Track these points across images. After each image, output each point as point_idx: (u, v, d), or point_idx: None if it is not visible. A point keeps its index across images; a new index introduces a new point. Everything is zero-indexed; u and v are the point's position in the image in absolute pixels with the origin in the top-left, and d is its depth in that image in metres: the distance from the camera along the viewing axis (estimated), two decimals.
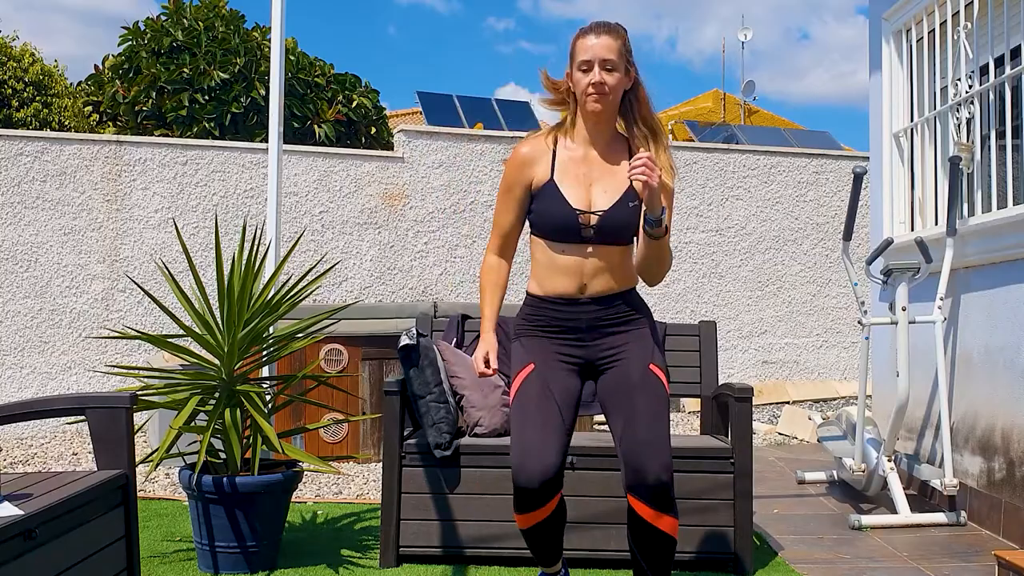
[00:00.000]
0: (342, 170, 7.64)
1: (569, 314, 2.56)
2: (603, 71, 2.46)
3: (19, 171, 6.99)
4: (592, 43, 2.47)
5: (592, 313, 2.56)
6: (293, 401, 4.14)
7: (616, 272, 2.57)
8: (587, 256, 2.53)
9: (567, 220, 2.50)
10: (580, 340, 2.58)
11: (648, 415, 2.46)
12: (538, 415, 2.47)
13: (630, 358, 2.55)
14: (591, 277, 2.54)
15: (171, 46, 8.39)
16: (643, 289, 2.80)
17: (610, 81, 2.46)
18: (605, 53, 2.46)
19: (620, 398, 2.52)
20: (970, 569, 3.42)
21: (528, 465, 2.41)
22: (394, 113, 14.96)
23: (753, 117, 16.75)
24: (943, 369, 4.17)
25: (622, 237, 2.54)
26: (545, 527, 2.54)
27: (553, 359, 2.56)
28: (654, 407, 2.48)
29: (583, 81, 2.48)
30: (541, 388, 2.51)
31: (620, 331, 2.58)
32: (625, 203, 2.51)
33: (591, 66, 2.46)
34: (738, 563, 3.34)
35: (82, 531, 2.45)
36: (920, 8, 4.75)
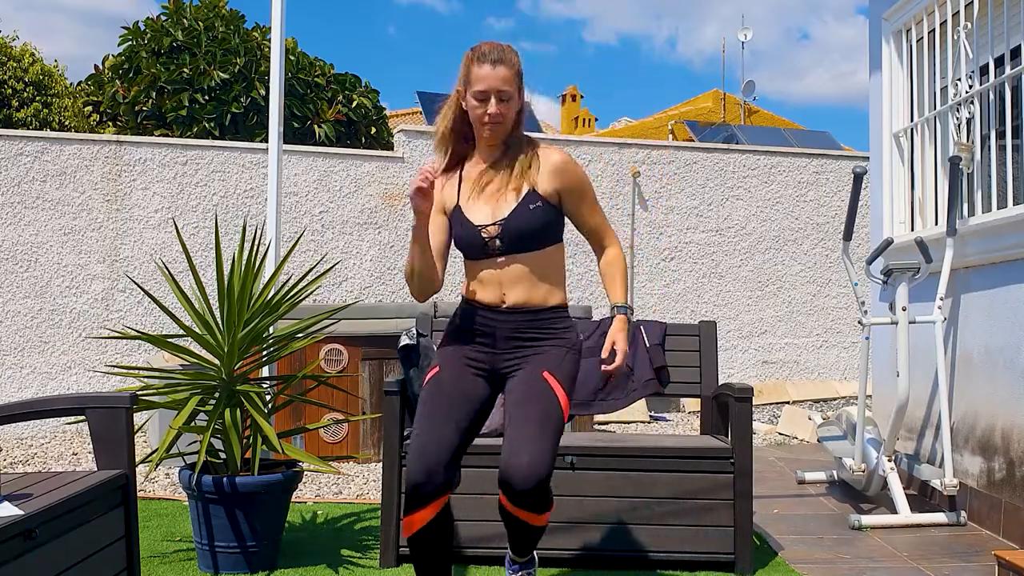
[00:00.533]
0: (342, 170, 7.65)
1: (489, 320, 2.60)
2: (499, 102, 2.51)
3: (19, 171, 6.99)
4: (487, 73, 2.50)
5: (508, 323, 2.58)
6: (293, 401, 4.14)
7: (537, 283, 2.58)
8: (500, 267, 2.58)
9: (472, 238, 2.57)
10: (491, 347, 2.61)
11: (528, 423, 2.44)
12: (433, 414, 2.51)
13: (527, 367, 2.57)
14: (510, 287, 2.58)
15: (171, 46, 8.39)
16: (644, 289, 2.80)
17: (505, 111, 2.53)
18: (501, 84, 2.50)
19: (511, 402, 2.54)
20: (970, 569, 3.42)
21: (418, 463, 2.42)
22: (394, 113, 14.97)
23: (753, 117, 16.75)
24: (943, 369, 4.17)
25: (532, 243, 2.56)
26: (428, 536, 2.47)
27: (461, 363, 2.61)
28: (537, 415, 2.46)
29: (479, 111, 2.53)
30: (441, 390, 2.56)
31: (530, 344, 2.59)
32: (525, 206, 2.54)
33: (487, 96, 2.51)
34: (738, 563, 3.34)
35: (82, 531, 2.45)
36: (920, 8, 4.75)
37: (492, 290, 2.59)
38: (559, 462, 3.38)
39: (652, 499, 3.38)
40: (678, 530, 3.37)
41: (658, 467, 3.40)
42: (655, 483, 3.39)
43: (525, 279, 2.57)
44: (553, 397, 2.51)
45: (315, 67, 8.88)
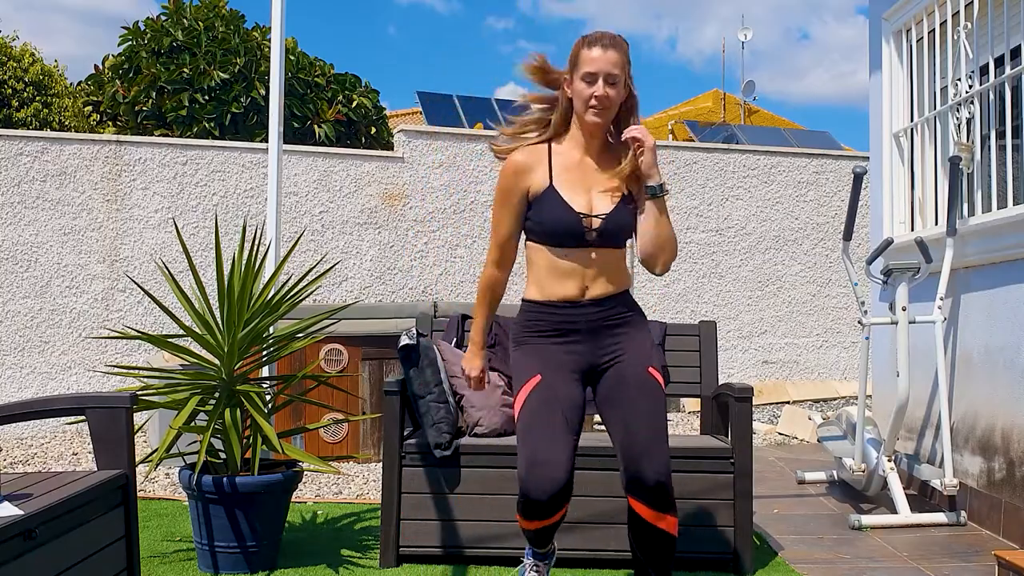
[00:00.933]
0: (342, 170, 7.65)
1: (570, 316, 2.57)
2: (607, 85, 2.49)
3: (19, 171, 6.99)
4: (598, 56, 2.49)
5: (592, 315, 2.58)
6: (293, 401, 4.14)
7: (614, 274, 2.60)
8: (590, 259, 2.55)
9: (571, 224, 2.51)
10: (581, 342, 2.59)
11: (646, 417, 2.48)
12: (547, 427, 2.47)
13: (628, 360, 2.57)
14: (592, 280, 2.56)
15: (171, 46, 8.39)
16: (644, 289, 2.81)
17: (613, 95, 2.50)
18: (610, 67, 2.48)
19: (618, 400, 2.53)
20: (970, 569, 3.42)
21: (537, 479, 2.42)
22: (394, 113, 14.96)
23: (753, 117, 16.76)
24: (943, 369, 4.17)
25: (621, 239, 2.59)
26: (548, 530, 2.59)
27: (557, 367, 2.57)
28: (652, 409, 2.50)
29: (586, 92, 2.50)
30: (548, 399, 2.51)
31: (618, 332, 2.60)
32: (624, 205, 2.55)
33: (596, 79, 2.48)
34: (738, 563, 3.34)
35: (82, 531, 2.45)
36: (920, 8, 4.75)
37: (574, 282, 2.56)
38: None
39: None
40: (677, 528, 3.36)
41: None
42: None
43: (608, 271, 2.58)
44: (661, 392, 2.57)
45: (315, 67, 8.88)
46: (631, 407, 2.50)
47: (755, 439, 5.89)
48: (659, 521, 2.46)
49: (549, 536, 2.66)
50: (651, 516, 2.46)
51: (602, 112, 2.51)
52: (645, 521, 2.47)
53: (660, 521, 2.46)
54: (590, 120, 2.52)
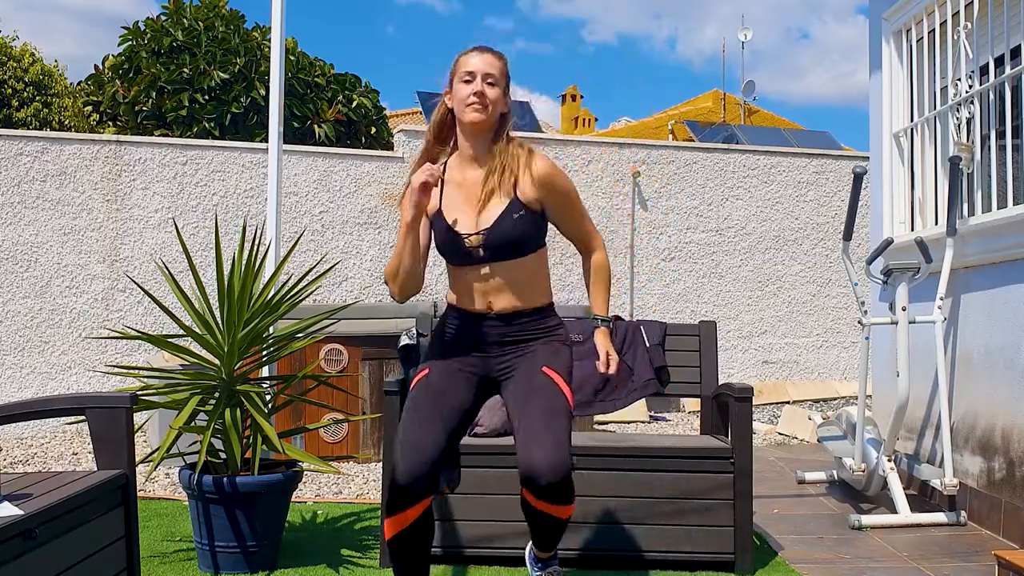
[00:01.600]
0: (342, 170, 7.65)
1: (477, 328, 2.60)
2: (485, 83, 2.52)
3: (19, 171, 6.99)
4: (476, 58, 2.55)
5: (498, 329, 2.59)
6: (293, 401, 4.14)
7: (523, 288, 2.59)
8: (485, 275, 2.57)
9: (454, 245, 2.55)
10: (483, 353, 2.61)
11: (539, 416, 2.45)
12: (421, 415, 2.50)
13: (526, 364, 2.58)
14: (495, 294, 2.58)
15: (171, 46, 8.39)
16: (644, 289, 2.80)
17: (491, 94, 2.52)
18: (488, 68, 2.54)
19: (516, 401, 2.53)
20: (970, 569, 3.42)
21: (403, 460, 2.41)
22: (394, 113, 14.97)
23: (753, 117, 16.76)
24: (943, 369, 4.17)
25: (516, 251, 2.56)
26: (409, 538, 2.48)
27: (451, 365, 2.60)
28: (545, 407, 2.47)
29: (464, 91, 2.52)
30: (429, 391, 2.55)
31: (523, 346, 2.60)
32: (509, 216, 2.53)
33: (474, 77, 2.53)
34: (738, 563, 3.34)
35: (82, 531, 2.45)
36: (920, 8, 4.75)
37: (478, 298, 2.59)
38: None
39: (652, 499, 3.38)
40: (678, 530, 3.37)
41: (658, 467, 3.40)
42: (655, 483, 3.39)
43: (510, 286, 2.57)
44: (557, 389, 2.52)
45: (315, 67, 8.88)
46: (525, 408, 2.49)
47: (755, 439, 5.89)
48: (549, 510, 2.46)
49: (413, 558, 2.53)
50: (542, 507, 2.45)
51: (482, 109, 2.52)
52: (535, 508, 2.46)
53: (550, 510, 2.46)
54: (470, 118, 2.53)
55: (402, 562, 2.53)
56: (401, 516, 2.44)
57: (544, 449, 2.38)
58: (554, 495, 2.41)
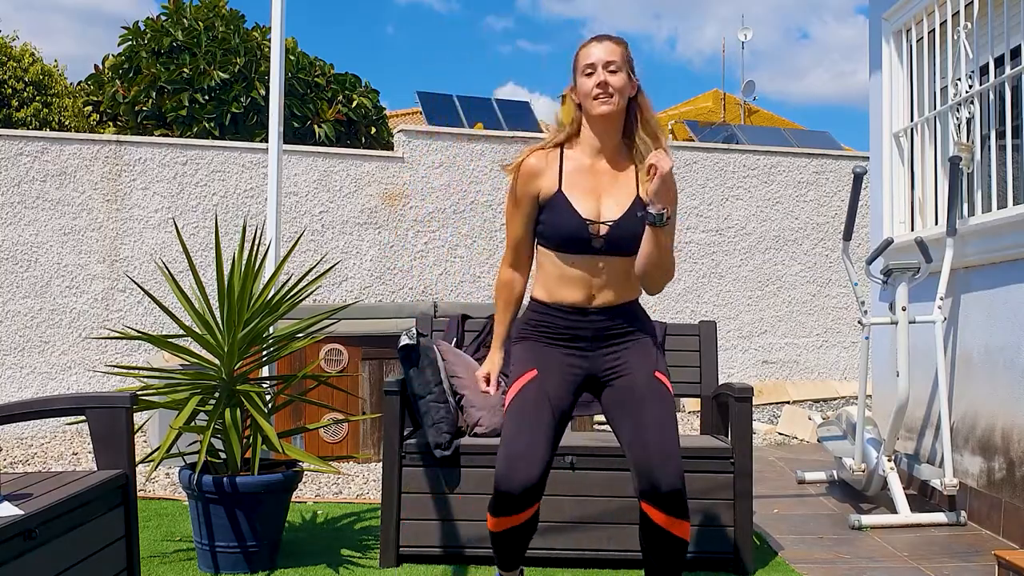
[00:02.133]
0: (342, 170, 7.64)
1: (576, 323, 2.55)
2: (607, 72, 2.47)
3: (19, 171, 6.99)
4: (595, 48, 2.50)
5: (599, 323, 2.55)
6: (293, 401, 4.14)
7: (623, 284, 2.56)
8: (597, 267, 2.52)
9: (577, 231, 2.48)
10: (584, 350, 2.56)
11: (657, 423, 2.45)
12: (532, 423, 2.46)
13: (634, 368, 2.54)
14: (600, 288, 2.53)
15: (171, 46, 8.39)
16: None
17: (614, 81, 2.47)
18: (608, 55, 2.48)
19: (627, 407, 2.50)
20: (970, 569, 3.42)
21: (513, 471, 2.40)
22: (394, 113, 14.96)
23: (753, 117, 16.75)
24: (943, 369, 4.17)
25: (631, 248, 2.51)
26: (516, 533, 2.52)
27: (556, 369, 2.55)
28: (662, 414, 2.47)
29: (588, 84, 2.48)
30: (539, 397, 2.50)
31: (624, 341, 2.57)
32: (634, 213, 2.49)
33: (595, 68, 2.48)
34: (738, 563, 3.34)
35: (82, 531, 2.45)
36: (920, 8, 4.75)
37: (581, 289, 2.53)
38: (559, 462, 3.38)
39: None
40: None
41: None
42: None
43: (616, 280, 2.54)
44: (669, 396, 2.53)
45: (315, 67, 8.88)
46: (640, 415, 2.47)
47: (755, 439, 5.89)
48: (672, 527, 2.43)
49: (517, 548, 2.58)
50: (665, 522, 2.42)
51: (608, 100, 2.47)
52: (658, 526, 2.43)
53: (673, 527, 2.43)
54: (598, 111, 2.49)
55: (505, 551, 2.58)
56: (511, 519, 2.47)
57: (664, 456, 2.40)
58: (675, 505, 2.41)
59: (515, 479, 2.40)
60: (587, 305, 2.53)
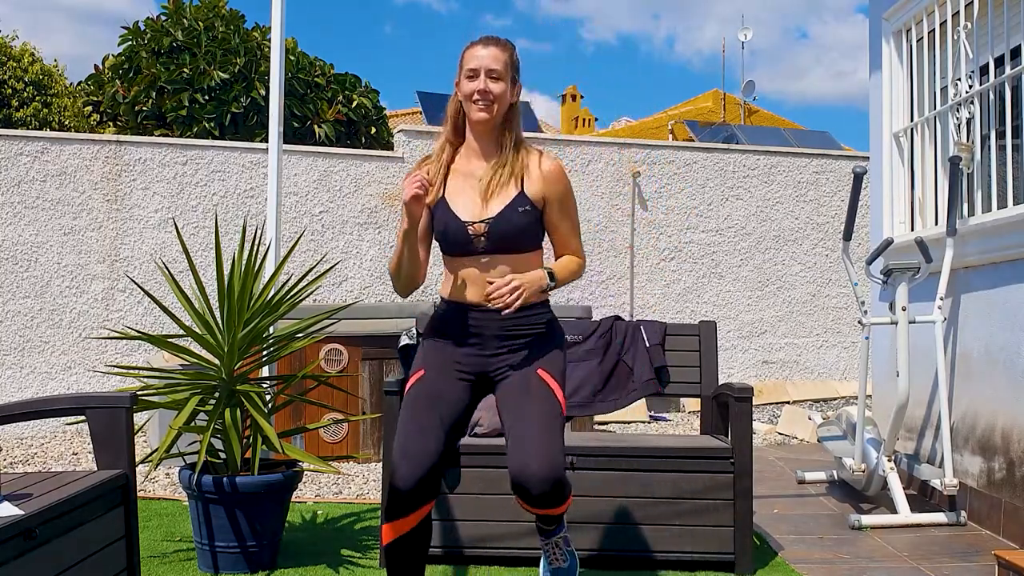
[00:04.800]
0: (342, 170, 7.65)
1: (475, 321, 2.58)
2: (489, 79, 2.53)
3: (19, 171, 6.99)
4: (480, 53, 2.55)
5: (498, 322, 2.56)
6: (293, 401, 4.14)
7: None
8: (484, 266, 2.55)
9: (457, 232, 2.54)
10: (479, 348, 2.59)
11: (532, 423, 2.44)
12: (416, 422, 2.48)
13: (520, 366, 2.56)
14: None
15: (171, 46, 8.39)
16: (644, 289, 2.78)
17: (495, 89, 2.53)
18: (491, 63, 2.54)
19: (509, 405, 2.52)
20: (970, 569, 3.42)
21: (403, 470, 2.41)
22: (394, 113, 14.96)
23: (753, 117, 16.76)
24: (943, 369, 4.17)
25: (518, 244, 2.56)
26: (408, 544, 2.48)
27: (448, 367, 2.59)
28: (538, 414, 2.46)
29: (468, 87, 2.54)
30: (427, 396, 2.54)
31: (520, 342, 2.58)
32: (515, 209, 2.54)
33: (477, 74, 2.53)
34: (738, 563, 3.34)
35: (82, 531, 2.45)
36: (920, 8, 4.75)
37: (476, 289, 2.56)
38: None
39: (652, 499, 3.38)
40: (678, 530, 3.37)
41: (658, 467, 3.40)
42: (655, 483, 3.39)
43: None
44: (551, 394, 2.52)
45: (315, 67, 8.88)
46: (515, 412, 2.48)
47: (755, 439, 5.89)
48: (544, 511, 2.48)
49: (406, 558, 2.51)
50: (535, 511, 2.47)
51: (487, 107, 2.53)
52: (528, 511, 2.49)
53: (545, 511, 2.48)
54: (476, 116, 2.55)
55: (398, 567, 2.52)
56: (400, 523, 2.44)
57: (537, 459, 2.37)
58: (546, 502, 2.42)
59: (403, 474, 2.40)
60: (484, 304, 2.55)
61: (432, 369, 2.59)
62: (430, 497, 2.46)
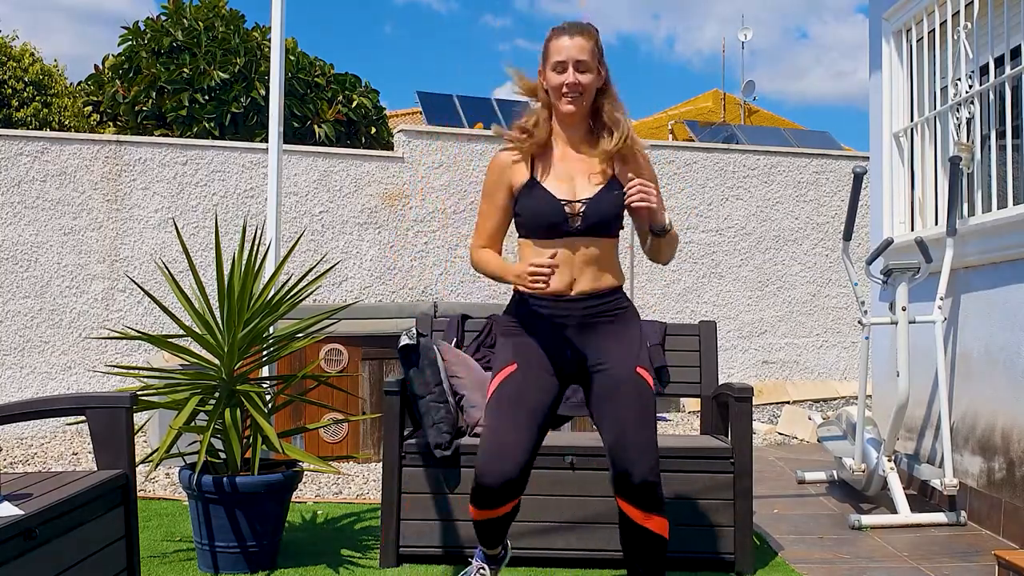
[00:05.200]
0: (342, 170, 7.65)
1: (558, 311, 2.57)
2: (577, 72, 2.51)
3: (19, 171, 6.99)
4: (566, 44, 2.52)
5: (581, 310, 2.56)
6: (293, 401, 4.14)
7: (604, 269, 2.59)
8: (575, 249, 2.54)
9: (554, 212, 2.52)
10: (568, 339, 2.58)
11: (634, 417, 2.48)
12: (511, 418, 2.48)
13: (617, 361, 2.56)
14: (580, 272, 2.55)
15: (171, 46, 8.39)
16: (644, 289, 2.80)
17: (584, 81, 2.51)
18: (578, 54, 2.51)
19: (607, 401, 2.53)
20: (970, 569, 3.42)
21: (494, 467, 2.43)
22: (394, 113, 14.95)
23: (753, 117, 16.75)
24: (943, 369, 4.17)
25: (609, 228, 2.57)
26: (497, 523, 2.61)
27: (537, 362, 2.57)
28: (640, 409, 2.50)
29: (556, 81, 2.52)
30: (520, 391, 2.53)
31: (607, 330, 2.58)
32: (610, 191, 2.55)
33: (565, 67, 2.51)
34: (738, 563, 3.34)
35: (82, 531, 2.45)
36: (920, 8, 4.75)
37: (561, 275, 2.53)
38: (559, 462, 3.38)
39: None
40: (678, 530, 3.36)
41: None
42: None
43: (595, 263, 2.56)
44: (650, 392, 2.55)
45: (315, 67, 8.88)
46: (618, 409, 2.49)
47: (755, 439, 5.89)
48: (647, 521, 2.47)
49: (497, 533, 2.67)
50: (639, 516, 2.47)
51: (576, 100, 2.53)
52: (633, 522, 2.48)
53: (647, 521, 2.47)
54: (565, 109, 2.54)
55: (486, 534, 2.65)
56: (492, 512, 2.52)
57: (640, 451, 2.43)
58: (649, 498, 2.44)
59: (495, 474, 2.43)
60: (568, 292, 2.55)
61: (524, 363, 2.56)
62: (519, 492, 2.50)
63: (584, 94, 2.52)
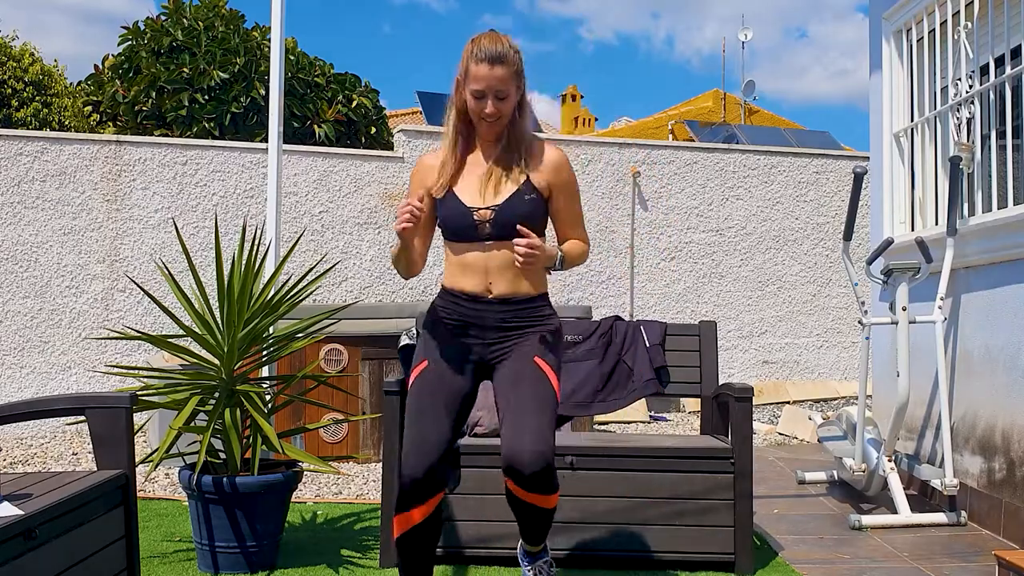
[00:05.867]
0: (342, 170, 7.64)
1: (474, 312, 2.62)
2: (496, 100, 2.54)
3: (19, 171, 6.99)
4: (485, 73, 2.52)
5: (497, 313, 2.61)
6: (293, 401, 4.14)
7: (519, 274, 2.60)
8: (488, 252, 2.59)
9: (463, 219, 2.58)
10: (480, 338, 2.63)
11: (526, 406, 2.49)
12: (423, 415, 2.53)
13: (517, 353, 2.60)
14: (496, 276, 2.60)
15: (171, 46, 8.39)
16: (644, 289, 2.79)
17: (503, 108, 2.56)
18: (498, 85, 2.53)
19: (505, 388, 2.56)
20: (970, 569, 3.42)
21: (414, 457, 2.45)
22: (394, 113, 14.96)
23: (753, 117, 16.75)
24: (943, 369, 4.17)
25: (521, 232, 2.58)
26: (418, 536, 2.50)
27: (449, 357, 2.62)
28: (533, 397, 2.51)
29: (476, 105, 2.56)
30: (430, 387, 2.58)
31: (519, 333, 2.62)
32: (520, 196, 2.58)
33: (485, 96, 2.54)
34: (738, 563, 3.34)
35: (82, 531, 2.45)
36: (920, 8, 4.75)
37: (478, 278, 2.60)
38: (559, 462, 3.37)
39: (652, 499, 3.38)
40: (678, 530, 3.37)
41: (658, 467, 3.40)
42: (655, 483, 3.39)
43: (511, 268, 2.57)
44: (546, 379, 2.56)
45: (315, 67, 8.88)
46: (510, 396, 2.53)
47: (755, 439, 5.88)
48: (531, 498, 2.49)
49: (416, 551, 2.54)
50: (523, 495, 2.48)
51: (493, 124, 2.57)
52: (518, 497, 2.50)
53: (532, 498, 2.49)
54: (483, 131, 2.61)
55: (408, 562, 2.56)
56: (412, 513, 2.48)
57: (529, 438, 2.42)
58: (537, 484, 2.45)
59: (417, 462, 2.45)
60: (486, 295, 2.60)
61: (433, 359, 2.63)
62: (439, 487, 2.50)
63: (503, 117, 2.57)
